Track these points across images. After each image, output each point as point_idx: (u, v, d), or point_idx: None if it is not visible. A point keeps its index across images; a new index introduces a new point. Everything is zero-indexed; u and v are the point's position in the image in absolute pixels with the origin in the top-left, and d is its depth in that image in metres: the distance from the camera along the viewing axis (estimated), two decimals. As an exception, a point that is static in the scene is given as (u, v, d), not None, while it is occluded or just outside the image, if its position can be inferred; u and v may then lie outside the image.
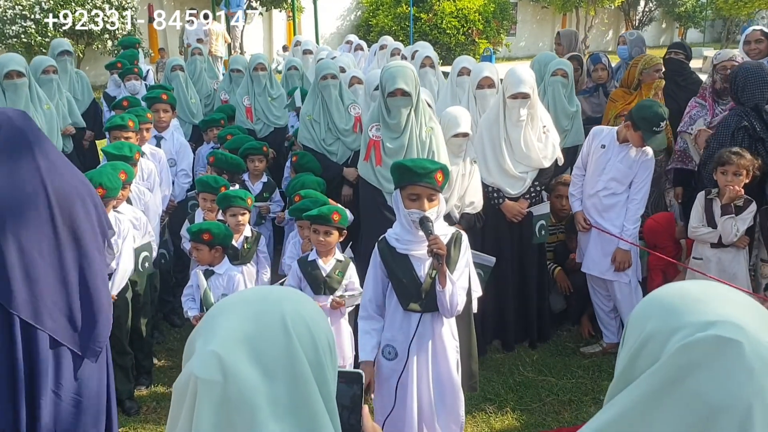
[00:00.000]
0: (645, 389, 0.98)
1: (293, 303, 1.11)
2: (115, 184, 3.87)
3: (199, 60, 7.42)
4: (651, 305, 1.07)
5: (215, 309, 1.11)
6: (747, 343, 0.95)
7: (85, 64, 15.02)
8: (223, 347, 1.01)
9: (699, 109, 4.90)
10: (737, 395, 0.93)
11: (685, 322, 0.99)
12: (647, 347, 1.02)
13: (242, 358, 1.00)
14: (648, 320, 1.04)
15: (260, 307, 1.08)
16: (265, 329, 1.04)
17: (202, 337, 1.06)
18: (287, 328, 1.05)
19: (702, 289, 1.07)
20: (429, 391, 3.12)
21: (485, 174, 4.47)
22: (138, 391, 4.29)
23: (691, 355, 0.96)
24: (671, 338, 0.99)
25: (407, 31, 19.50)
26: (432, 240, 2.82)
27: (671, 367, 0.97)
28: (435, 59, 6.25)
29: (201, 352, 1.02)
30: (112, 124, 4.70)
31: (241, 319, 1.05)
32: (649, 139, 4.26)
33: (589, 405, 4.13)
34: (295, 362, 1.04)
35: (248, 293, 1.15)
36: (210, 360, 1.00)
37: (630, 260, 4.47)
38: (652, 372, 0.99)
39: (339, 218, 3.69)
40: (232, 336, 1.02)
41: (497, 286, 4.50)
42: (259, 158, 5.23)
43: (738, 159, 4.04)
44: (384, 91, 4.07)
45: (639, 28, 25.83)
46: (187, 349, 1.12)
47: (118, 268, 3.94)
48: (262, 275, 4.47)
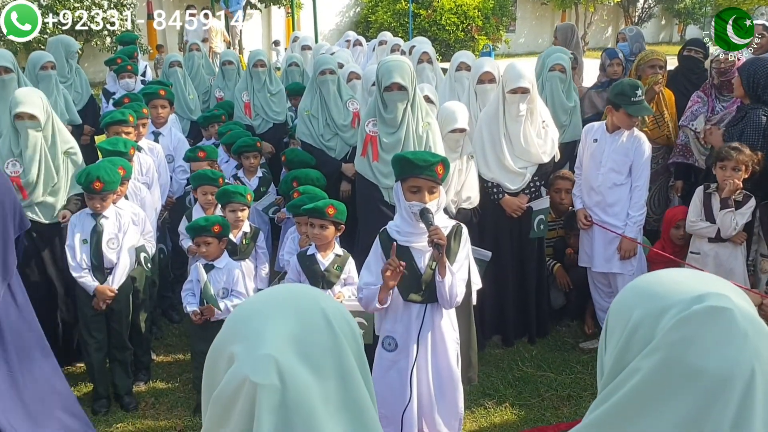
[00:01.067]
0: (645, 373, 0.99)
1: (327, 298, 1.11)
2: (113, 177, 3.88)
3: (197, 56, 7.39)
4: (631, 296, 1.09)
5: (245, 311, 1.08)
6: (735, 309, 0.98)
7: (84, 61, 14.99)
8: (277, 350, 0.98)
9: (700, 105, 4.89)
10: (738, 361, 0.95)
11: (673, 301, 1.01)
12: (637, 334, 1.02)
13: (295, 359, 0.99)
14: (632, 309, 1.05)
15: (298, 305, 1.06)
16: (310, 327, 1.03)
17: (242, 342, 1.02)
18: (331, 323, 1.04)
19: (675, 273, 1.09)
20: (429, 383, 3.12)
21: (485, 169, 4.46)
22: (136, 387, 4.28)
23: (685, 330, 0.97)
24: (661, 320, 1.00)
25: (406, 27, 19.46)
26: (433, 230, 2.84)
27: (667, 345, 0.98)
28: (432, 54, 6.23)
29: (253, 356, 0.99)
30: (112, 119, 4.69)
31: (283, 319, 1.03)
32: (632, 110, 4.26)
33: (588, 400, 4.13)
34: (342, 358, 1.03)
35: (275, 293, 1.12)
36: (266, 364, 0.97)
37: (635, 249, 4.47)
38: (648, 353, 0.99)
39: (335, 212, 3.70)
40: (281, 338, 1.00)
41: (497, 281, 4.50)
42: (254, 155, 5.21)
43: (737, 154, 4.05)
44: (380, 85, 4.06)
45: (638, 24, 25.79)
46: (216, 355, 1.08)
47: (119, 263, 3.96)
48: (260, 271, 4.46)
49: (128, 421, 3.99)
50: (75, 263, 3.92)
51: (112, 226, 3.97)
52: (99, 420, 3.98)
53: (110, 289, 3.92)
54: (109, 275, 3.96)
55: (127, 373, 4.18)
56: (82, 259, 3.93)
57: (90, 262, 3.93)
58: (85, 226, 3.96)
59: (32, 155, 4.00)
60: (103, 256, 3.94)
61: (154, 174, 4.82)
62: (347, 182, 5.06)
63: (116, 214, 4.01)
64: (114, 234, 3.97)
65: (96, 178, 3.80)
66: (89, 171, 3.89)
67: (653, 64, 5.23)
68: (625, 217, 4.42)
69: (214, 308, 3.86)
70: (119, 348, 4.12)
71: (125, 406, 4.10)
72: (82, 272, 3.91)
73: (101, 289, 3.91)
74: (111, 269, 3.97)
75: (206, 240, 3.96)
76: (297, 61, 7.08)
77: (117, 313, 4.05)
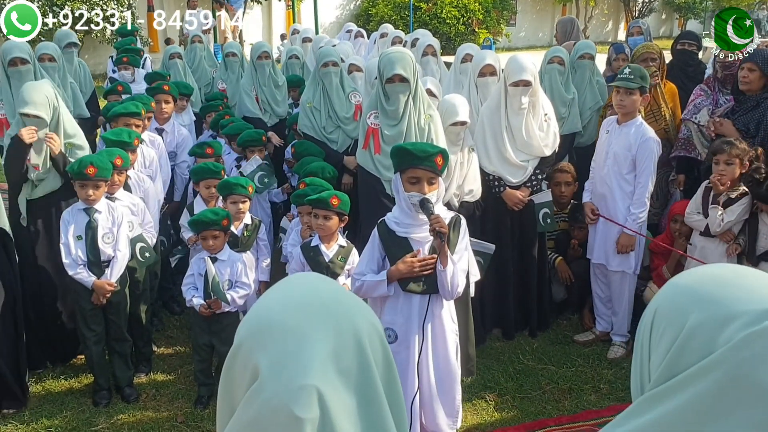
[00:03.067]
0: (707, 386, 0.92)
1: (360, 311, 1.06)
2: (105, 165, 3.86)
3: (199, 48, 7.35)
4: (685, 297, 1.01)
5: (271, 319, 1.01)
6: None
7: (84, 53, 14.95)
8: (318, 378, 0.95)
9: (704, 98, 4.87)
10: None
11: (737, 311, 0.94)
12: (694, 341, 0.95)
13: (332, 386, 0.96)
14: (688, 313, 0.97)
15: (333, 321, 1.01)
16: (344, 348, 0.99)
17: (272, 359, 0.97)
18: (362, 344, 1.01)
19: (731, 274, 1.01)
20: (429, 376, 3.12)
21: (486, 162, 4.45)
22: (137, 378, 4.29)
23: (756, 347, 0.90)
24: (724, 330, 0.93)
25: (407, 20, 19.40)
26: (434, 219, 2.83)
27: (734, 359, 0.91)
28: (437, 47, 6.21)
29: (293, 385, 0.94)
30: (125, 109, 4.66)
31: (316, 337, 0.98)
32: (615, 82, 4.34)
33: (589, 393, 4.14)
34: (369, 381, 1.00)
35: (303, 300, 1.04)
36: (309, 396, 0.94)
37: (633, 245, 4.47)
38: (709, 366, 0.93)
39: (338, 203, 3.69)
40: (318, 361, 0.97)
41: (498, 274, 4.50)
42: (259, 149, 5.19)
43: (730, 148, 4.04)
44: (382, 77, 4.05)
45: (639, 18, 25.73)
46: (236, 363, 1.02)
47: (116, 256, 3.94)
48: (261, 263, 4.46)
49: (129, 413, 3.99)
50: (70, 260, 3.88)
51: (105, 221, 3.94)
52: (100, 411, 3.99)
53: (108, 283, 3.90)
54: (106, 269, 3.94)
55: (128, 364, 4.18)
56: (78, 255, 3.89)
57: (86, 258, 3.91)
58: (79, 222, 3.92)
59: (38, 153, 4.03)
60: (99, 251, 3.92)
61: (157, 166, 4.80)
62: (349, 175, 5.04)
63: (109, 208, 3.97)
64: (108, 228, 3.94)
65: (89, 164, 3.78)
66: (82, 158, 3.89)
67: (645, 57, 5.23)
68: (626, 212, 4.42)
69: (221, 301, 3.86)
70: (118, 340, 4.11)
71: (126, 397, 4.10)
72: (78, 269, 3.88)
73: (99, 284, 3.89)
74: (108, 263, 3.95)
75: (214, 234, 3.95)
76: (297, 53, 7.05)
77: (115, 306, 4.04)
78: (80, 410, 4.02)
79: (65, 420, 3.93)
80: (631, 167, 4.38)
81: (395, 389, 1.07)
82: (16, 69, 4.95)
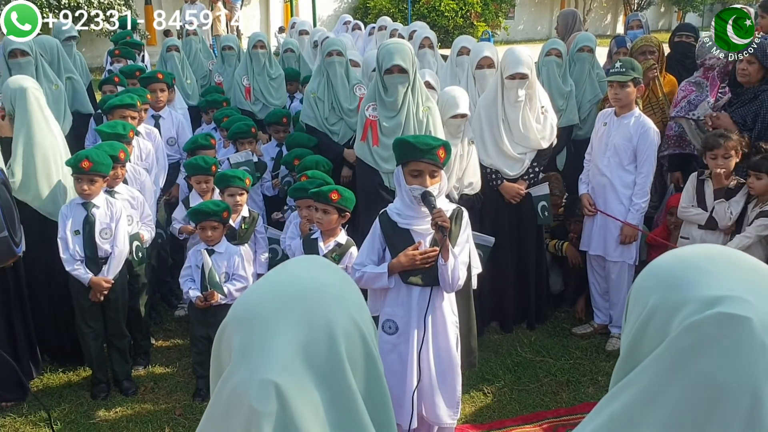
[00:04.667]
0: (652, 374, 0.94)
1: (338, 303, 1.05)
2: (103, 159, 3.84)
3: (194, 41, 7.33)
4: (652, 277, 1.02)
5: (251, 305, 1.04)
6: (756, 318, 0.89)
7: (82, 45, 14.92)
8: (278, 373, 0.96)
9: (697, 93, 4.84)
10: (747, 373, 0.88)
11: (689, 296, 0.94)
12: (652, 323, 0.97)
13: (294, 382, 0.97)
14: (650, 294, 0.99)
15: (305, 311, 1.01)
16: (314, 341, 1.00)
17: (244, 344, 0.99)
18: (334, 338, 1.00)
19: (706, 255, 1.01)
20: (430, 366, 3.12)
21: (483, 155, 4.45)
22: (135, 372, 4.29)
23: (696, 335, 0.90)
24: (676, 314, 0.94)
25: (405, 13, 19.38)
26: (436, 213, 2.83)
27: (677, 349, 0.92)
28: (434, 39, 6.19)
29: (254, 380, 0.96)
30: (121, 102, 4.65)
31: (286, 329, 0.99)
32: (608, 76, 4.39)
33: (587, 386, 4.14)
34: (339, 376, 1.00)
35: (282, 288, 1.06)
36: (267, 390, 0.96)
37: (636, 235, 4.47)
38: (657, 355, 0.94)
39: (338, 198, 3.67)
40: (283, 355, 0.97)
41: (495, 267, 4.50)
42: (249, 141, 5.16)
43: (725, 141, 4.06)
44: (381, 68, 4.03)
45: (638, 11, 25.68)
46: (220, 340, 1.05)
47: (114, 252, 3.93)
48: (259, 256, 4.45)
49: (127, 406, 4.00)
50: (67, 255, 3.86)
51: (103, 216, 3.92)
52: (98, 405, 3.99)
53: (105, 279, 3.89)
54: (104, 265, 3.92)
55: (126, 359, 4.18)
56: (75, 250, 3.88)
57: (83, 253, 3.89)
58: (76, 217, 3.89)
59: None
60: (96, 246, 3.90)
61: (153, 158, 4.79)
62: (348, 168, 5.03)
63: (107, 203, 3.96)
64: (106, 224, 3.92)
65: (84, 158, 3.77)
66: (78, 152, 3.87)
67: (644, 50, 5.23)
68: (629, 203, 4.42)
69: (218, 294, 3.86)
70: (116, 336, 4.11)
71: (124, 390, 4.10)
72: (75, 265, 3.87)
73: (96, 281, 3.88)
74: (105, 259, 3.94)
75: (213, 225, 3.95)
76: (292, 46, 7.03)
77: (113, 302, 4.03)
78: (78, 403, 4.02)
79: (63, 413, 3.93)
80: (631, 158, 4.40)
81: (377, 387, 1.06)
82: (16, 61, 4.98)
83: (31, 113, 4.06)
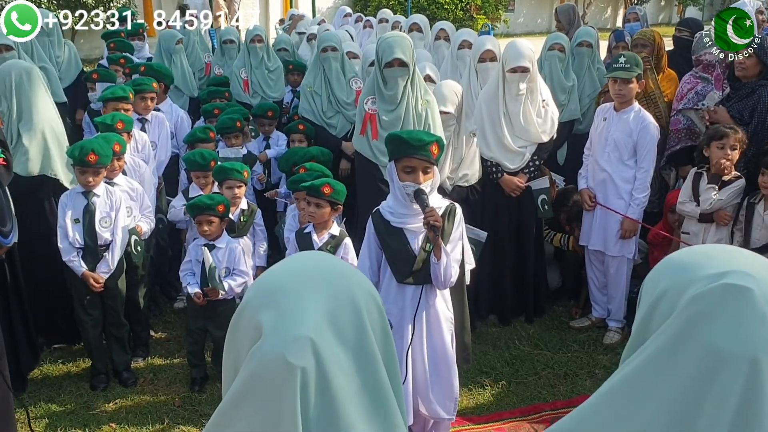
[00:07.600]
0: (658, 345, 0.98)
1: (355, 277, 1.10)
2: (106, 151, 3.85)
3: (192, 33, 7.31)
4: (662, 267, 1.08)
5: (275, 283, 1.06)
6: (757, 290, 0.94)
7: (80, 37, 14.86)
8: (314, 331, 0.98)
9: (704, 84, 4.82)
10: (747, 341, 0.92)
11: (697, 276, 0.99)
12: (660, 306, 1.01)
13: (331, 341, 0.99)
14: (660, 281, 1.04)
15: (330, 284, 1.05)
16: (341, 308, 1.03)
17: (273, 316, 1.00)
18: (358, 305, 1.04)
19: (712, 247, 1.08)
20: (424, 363, 3.12)
21: (484, 148, 4.45)
22: (135, 363, 4.30)
23: (700, 306, 0.95)
24: (684, 293, 0.98)
25: (405, 6, 19.28)
26: (428, 212, 2.81)
27: (682, 320, 0.96)
28: (423, 25, 6.29)
29: (289, 336, 0.97)
30: (113, 94, 4.64)
31: (315, 298, 1.02)
32: (609, 72, 4.36)
33: (585, 379, 4.16)
34: (366, 341, 1.03)
35: (303, 268, 1.10)
36: (304, 345, 0.97)
37: (636, 230, 4.48)
38: (664, 328, 0.98)
39: (330, 191, 3.66)
40: (316, 318, 1.00)
41: (494, 260, 4.52)
42: (235, 135, 5.10)
43: (734, 133, 4.10)
44: (381, 61, 4.03)
45: (637, 4, 25.60)
46: (240, 322, 1.06)
47: (115, 239, 3.94)
48: (258, 248, 4.46)
49: (127, 397, 4.01)
50: (65, 245, 3.88)
51: (104, 205, 3.93)
52: (98, 395, 4.01)
53: (95, 277, 3.90)
54: (104, 252, 3.94)
55: (125, 349, 4.19)
56: (75, 238, 3.89)
57: (83, 242, 3.90)
58: (77, 205, 3.91)
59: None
60: (96, 234, 3.92)
61: (149, 150, 4.78)
62: (347, 161, 5.03)
63: (107, 192, 3.97)
64: (106, 212, 3.93)
65: (91, 151, 3.78)
66: (83, 144, 3.87)
67: (637, 44, 5.24)
68: (629, 198, 4.42)
69: (218, 290, 3.86)
70: (115, 325, 4.12)
71: (124, 381, 4.11)
72: (71, 255, 3.88)
73: (87, 275, 3.89)
74: (105, 247, 3.95)
75: (209, 219, 3.94)
76: (286, 45, 7.04)
77: (111, 291, 4.03)
78: (78, 394, 4.03)
79: (63, 404, 3.94)
80: (631, 153, 4.40)
81: (392, 358, 1.09)
82: (0, 56, 4.98)
83: (42, 91, 4.18)
